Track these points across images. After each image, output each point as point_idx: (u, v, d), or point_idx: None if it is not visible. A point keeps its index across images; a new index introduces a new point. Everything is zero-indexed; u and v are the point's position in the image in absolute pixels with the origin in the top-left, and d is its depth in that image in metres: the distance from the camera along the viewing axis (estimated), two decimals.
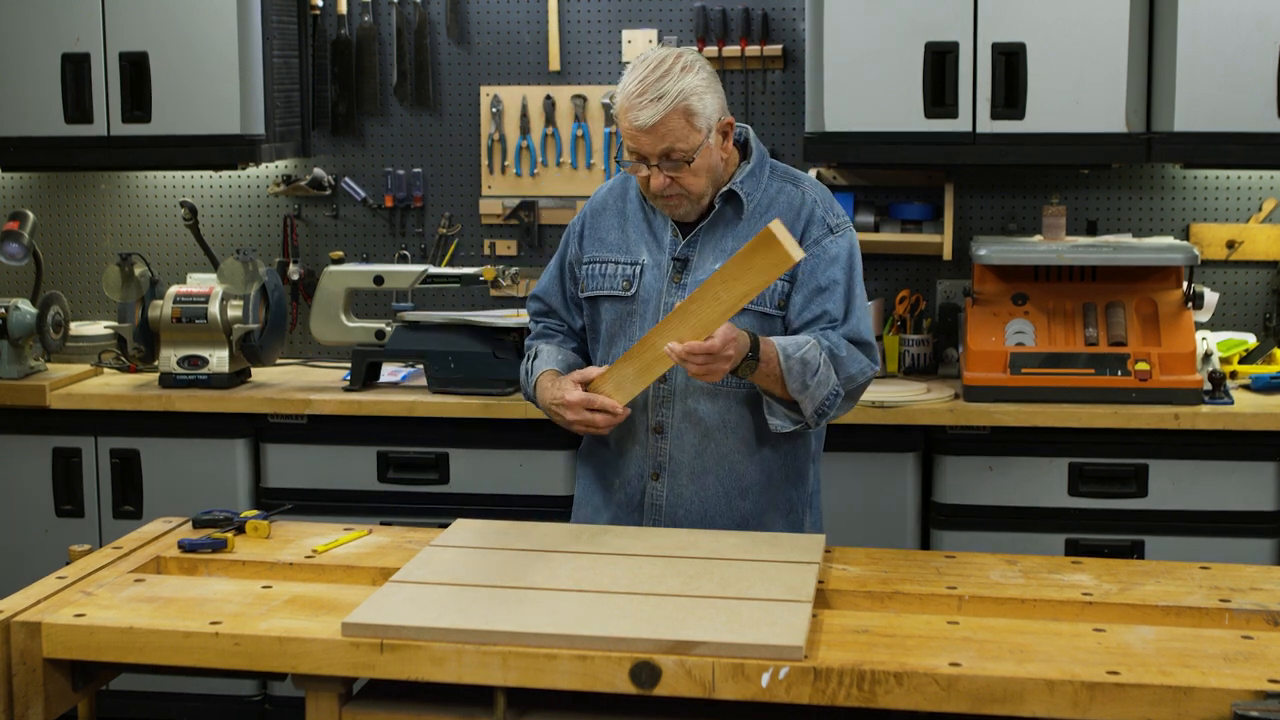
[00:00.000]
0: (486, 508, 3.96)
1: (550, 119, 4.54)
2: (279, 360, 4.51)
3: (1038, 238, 4.24)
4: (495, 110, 4.56)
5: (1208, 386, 3.88)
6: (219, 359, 4.19)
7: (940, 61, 3.98)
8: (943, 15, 3.97)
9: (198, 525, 2.85)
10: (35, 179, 4.79)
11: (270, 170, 4.67)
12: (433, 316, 4.17)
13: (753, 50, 4.40)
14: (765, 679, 2.12)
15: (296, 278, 4.65)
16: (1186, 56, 3.88)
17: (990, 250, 4.03)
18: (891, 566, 2.60)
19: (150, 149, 4.33)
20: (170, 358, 4.21)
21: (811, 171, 4.30)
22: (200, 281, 4.32)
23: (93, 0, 4.27)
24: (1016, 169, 4.34)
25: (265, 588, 2.51)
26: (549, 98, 4.54)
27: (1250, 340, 4.21)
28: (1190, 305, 3.97)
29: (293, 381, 4.30)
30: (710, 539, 2.66)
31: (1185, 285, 4.00)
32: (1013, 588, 2.48)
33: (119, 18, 4.28)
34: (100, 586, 2.51)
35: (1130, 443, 3.83)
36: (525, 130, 4.56)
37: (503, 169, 4.58)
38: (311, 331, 4.30)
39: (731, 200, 2.81)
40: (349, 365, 4.24)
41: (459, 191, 4.64)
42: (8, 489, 4.24)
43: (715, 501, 2.82)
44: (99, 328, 4.54)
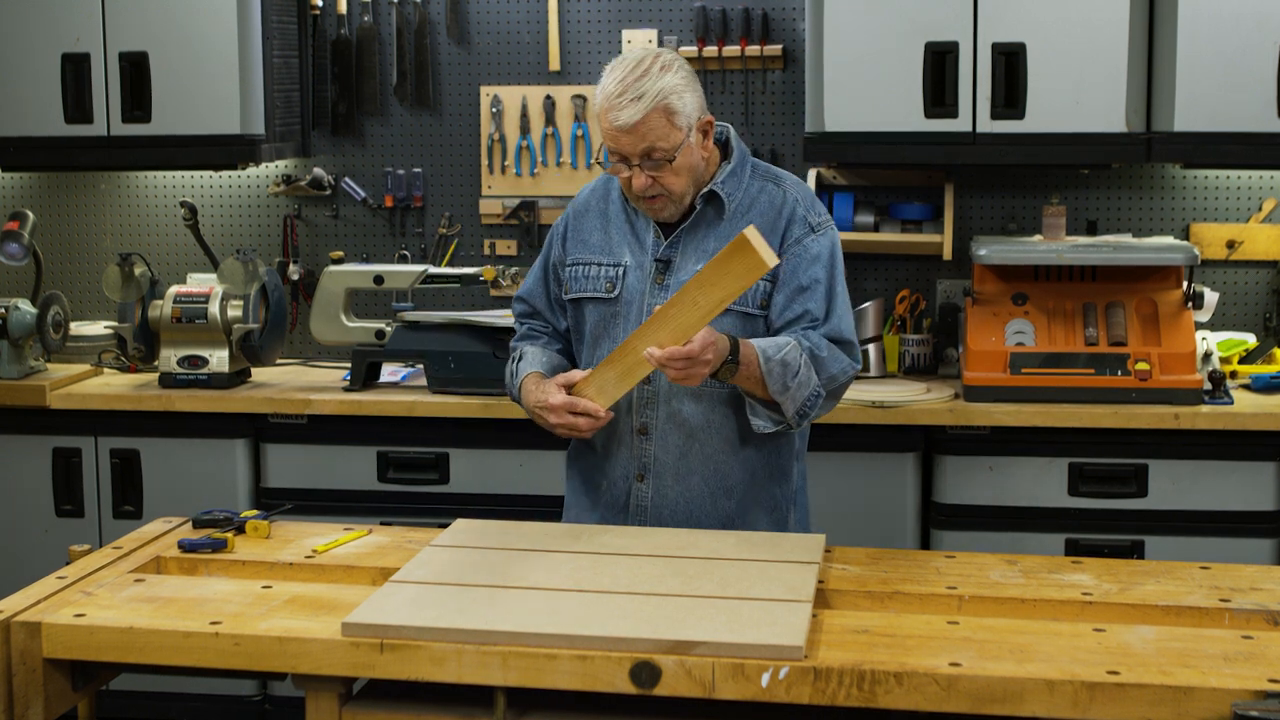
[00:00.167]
0: (486, 508, 3.96)
1: (550, 119, 4.54)
2: (279, 360, 4.51)
3: (1038, 238, 4.24)
4: (495, 110, 4.56)
5: (1208, 386, 3.88)
6: (219, 359, 4.19)
7: (940, 61, 3.98)
8: (943, 15, 3.97)
9: (198, 525, 2.85)
10: (35, 179, 4.79)
11: (270, 170, 4.67)
12: (433, 316, 4.17)
13: (753, 50, 4.40)
14: (765, 679, 2.12)
15: (296, 278, 4.65)
16: (1186, 56, 3.88)
17: (990, 250, 4.03)
18: (891, 566, 2.60)
19: (150, 149, 4.33)
20: (170, 358, 4.21)
21: (812, 171, 4.30)
22: (200, 281, 4.32)
23: (93, 0, 4.27)
24: (1016, 169, 4.34)
25: (265, 588, 2.51)
26: (549, 98, 4.53)
27: (1250, 340, 4.21)
28: (1190, 305, 3.97)
29: (293, 381, 4.29)
30: (710, 539, 2.66)
31: (1185, 285, 4.00)
32: (1013, 588, 2.48)
33: (119, 18, 4.28)
34: (100, 586, 2.51)
35: (1130, 443, 3.83)
36: (525, 130, 4.56)
37: (503, 169, 4.58)
38: (311, 331, 4.30)
39: (713, 201, 2.81)
40: (349, 365, 4.24)
41: (459, 191, 4.64)
42: (8, 489, 4.24)
43: (700, 501, 2.82)
44: (99, 328, 4.54)
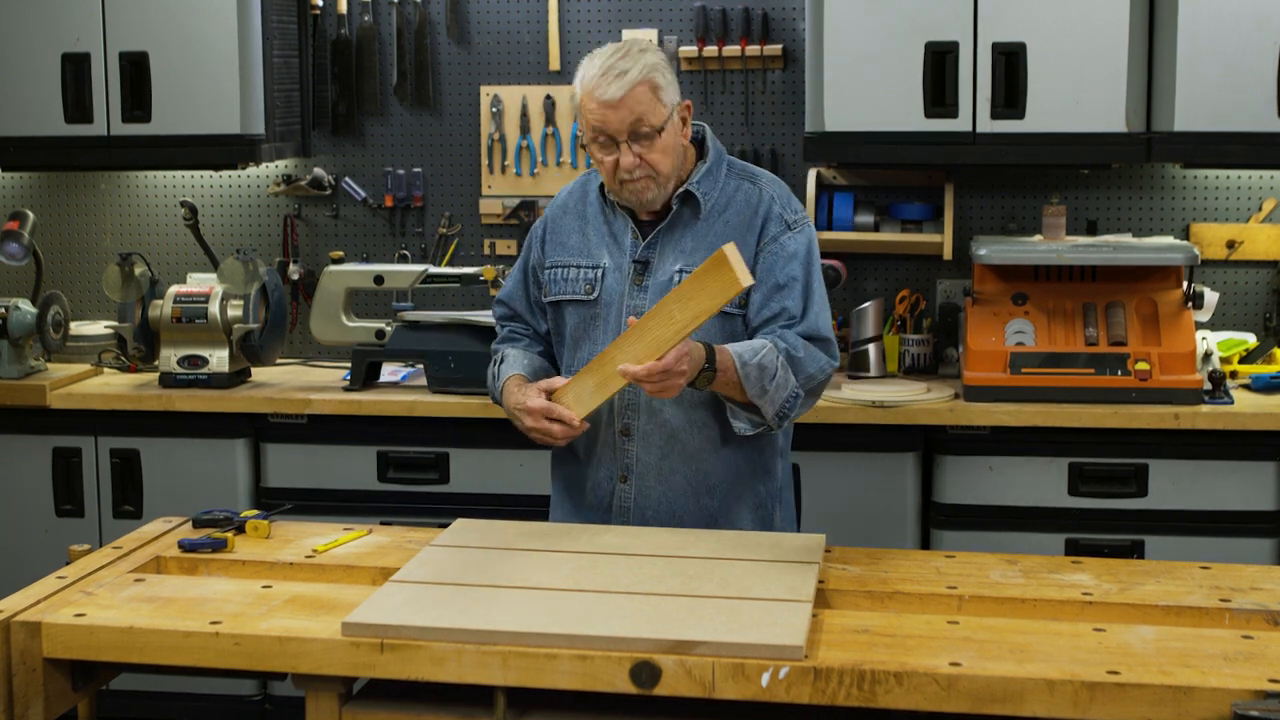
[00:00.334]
0: (486, 508, 3.96)
1: (550, 119, 4.54)
2: (279, 360, 4.51)
3: (1038, 237, 4.24)
4: (495, 110, 4.56)
5: (1208, 386, 3.88)
6: (219, 359, 4.19)
7: (940, 61, 3.98)
8: (943, 15, 3.97)
9: (198, 525, 2.85)
10: (35, 179, 4.79)
11: (270, 170, 4.67)
12: (433, 316, 4.17)
13: (753, 50, 4.40)
14: (765, 679, 2.11)
15: (296, 277, 4.65)
16: (1186, 56, 3.88)
17: (990, 250, 4.03)
18: (891, 566, 2.60)
19: (150, 149, 4.33)
20: (170, 357, 4.20)
21: (812, 171, 4.30)
22: (200, 281, 4.32)
23: (93, 0, 4.27)
24: (1016, 169, 4.34)
25: (265, 587, 2.51)
26: (549, 97, 4.53)
27: (1250, 340, 4.21)
28: (1190, 305, 3.97)
29: (293, 381, 4.29)
30: (710, 539, 2.66)
31: (1185, 285, 4.00)
32: (1013, 587, 2.48)
33: (119, 18, 4.28)
34: (100, 586, 2.51)
35: (1130, 443, 3.83)
36: (525, 130, 4.56)
37: (503, 169, 4.58)
38: (311, 331, 4.30)
39: (689, 201, 2.81)
40: (349, 365, 4.24)
41: (459, 191, 4.64)
42: (8, 489, 4.24)
43: (682, 500, 2.82)
44: (99, 328, 4.54)
